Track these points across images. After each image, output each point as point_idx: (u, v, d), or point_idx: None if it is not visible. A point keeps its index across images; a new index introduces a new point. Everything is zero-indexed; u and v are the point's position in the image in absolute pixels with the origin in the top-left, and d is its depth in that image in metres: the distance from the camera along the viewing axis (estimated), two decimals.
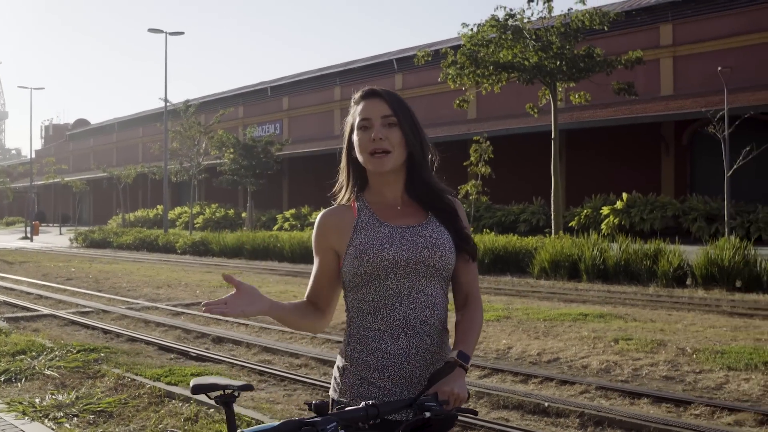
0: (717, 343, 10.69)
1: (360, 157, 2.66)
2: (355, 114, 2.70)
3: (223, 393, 3.11)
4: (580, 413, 7.25)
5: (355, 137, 2.67)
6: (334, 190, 2.79)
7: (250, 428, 2.09)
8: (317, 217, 2.77)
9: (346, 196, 2.74)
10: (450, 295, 2.72)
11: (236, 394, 3.13)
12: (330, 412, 2.30)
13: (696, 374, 8.97)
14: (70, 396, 8.07)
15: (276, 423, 2.10)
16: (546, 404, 7.52)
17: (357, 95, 2.73)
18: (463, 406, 2.40)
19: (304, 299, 2.73)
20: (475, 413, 2.49)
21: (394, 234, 2.61)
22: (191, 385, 3.16)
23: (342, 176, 2.78)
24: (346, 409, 2.21)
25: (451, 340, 2.63)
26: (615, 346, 10.61)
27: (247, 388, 3.18)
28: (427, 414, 2.27)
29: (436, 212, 2.69)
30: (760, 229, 30.37)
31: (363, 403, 2.22)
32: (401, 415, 2.45)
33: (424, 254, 2.58)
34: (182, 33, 45.96)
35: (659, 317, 13.61)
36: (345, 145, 2.75)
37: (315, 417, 2.12)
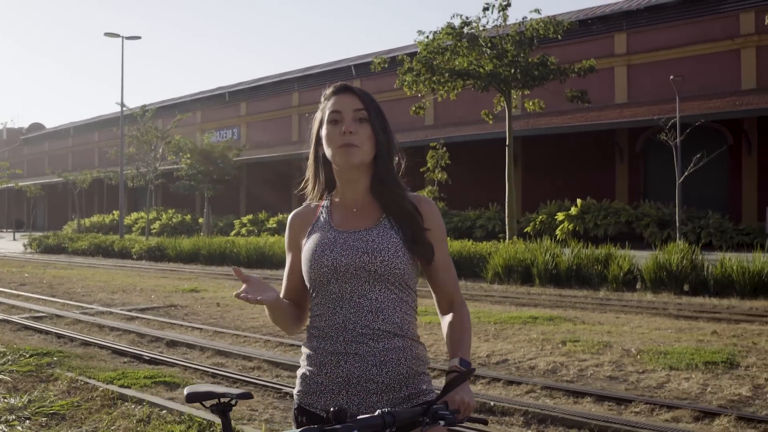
0: (661, 344, 10.99)
1: (328, 151, 2.67)
2: (325, 108, 2.70)
3: (218, 402, 2.97)
4: (525, 412, 7.46)
5: (324, 131, 2.68)
6: (300, 186, 2.83)
7: None
8: (289, 216, 2.82)
9: (314, 195, 2.78)
10: (420, 299, 2.76)
11: (233, 402, 2.97)
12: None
13: (639, 374, 9.23)
14: (23, 399, 8.09)
15: (296, 430, 2.17)
16: (492, 403, 7.72)
17: (328, 90, 2.74)
18: (472, 414, 2.46)
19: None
20: (486, 422, 2.58)
21: (337, 239, 2.62)
22: (185, 393, 2.98)
23: (309, 172, 2.80)
24: (364, 416, 2.20)
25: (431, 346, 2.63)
26: (562, 348, 10.86)
27: (246, 396, 2.99)
28: (442, 423, 2.29)
29: (393, 215, 2.67)
30: (711, 234, 31.01)
31: (378, 411, 2.23)
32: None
33: (363, 259, 2.58)
34: (139, 37, 45.70)
35: (607, 320, 13.92)
36: (313, 141, 2.77)
37: (334, 425, 2.13)
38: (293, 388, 2.65)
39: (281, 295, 2.75)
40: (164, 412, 7.48)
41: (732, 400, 8.00)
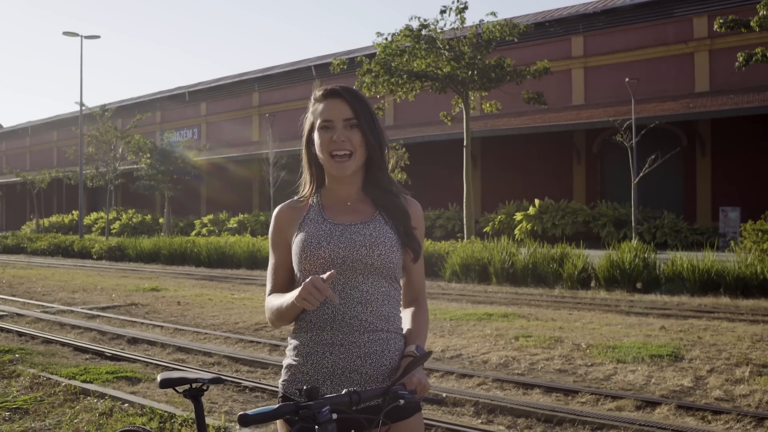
0: (610, 339, 11.36)
1: (320, 156, 2.72)
2: (316, 113, 2.73)
3: (191, 387, 3.08)
4: (475, 402, 7.75)
5: (316, 136, 2.72)
6: (298, 185, 2.87)
7: (252, 410, 2.26)
8: (274, 211, 2.84)
9: (309, 191, 2.82)
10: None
11: (205, 387, 3.08)
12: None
13: (587, 367, 9.57)
14: None
15: (275, 406, 2.29)
16: (444, 395, 8.00)
17: (319, 93, 2.76)
18: (428, 394, 2.65)
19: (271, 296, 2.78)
20: (441, 401, 2.83)
21: (334, 231, 2.68)
22: (159, 379, 3.09)
23: (305, 174, 2.84)
24: (333, 395, 2.37)
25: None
26: (515, 343, 11.19)
27: (218, 381, 3.10)
28: (401, 401, 2.45)
29: (385, 210, 2.76)
30: (666, 234, 31.64)
31: (345, 390, 2.38)
32: (374, 401, 2.57)
33: (361, 252, 2.64)
34: (98, 37, 45.49)
35: (560, 316, 14.30)
36: (304, 141, 2.80)
37: (308, 402, 2.28)
38: (252, 382, 2.86)
39: (268, 293, 2.80)
40: (126, 405, 7.67)
41: (674, 390, 8.37)
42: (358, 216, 2.74)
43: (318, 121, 2.71)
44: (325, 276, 2.41)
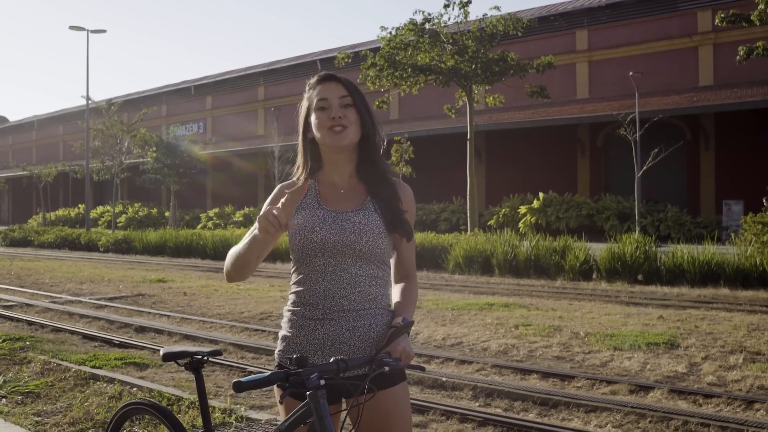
0: (609, 327, 11.58)
1: (317, 134, 2.88)
2: (312, 97, 2.91)
3: (191, 359, 3.29)
4: (474, 387, 7.98)
5: (313, 118, 2.88)
6: (293, 169, 3.03)
7: (245, 378, 2.43)
8: (276, 187, 3.01)
9: (302, 176, 2.97)
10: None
11: (205, 359, 3.29)
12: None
13: (585, 354, 9.79)
14: None
15: (267, 374, 2.44)
16: (443, 379, 8.23)
17: (313, 80, 2.94)
18: (412, 362, 2.77)
19: None
20: (423, 369, 3.01)
21: (327, 218, 2.86)
22: (161, 353, 3.30)
23: (299, 158, 3.00)
24: (321, 364, 2.55)
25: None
26: (515, 331, 11.41)
27: (216, 353, 3.32)
28: (386, 368, 2.61)
29: (376, 198, 2.93)
30: (669, 227, 31.75)
31: (333, 359, 2.55)
32: (361, 370, 2.75)
33: (350, 239, 2.83)
34: (104, 31, 45.77)
35: (561, 306, 14.52)
36: (301, 128, 2.96)
37: (297, 369, 2.45)
38: (257, 367, 3.04)
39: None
40: (134, 389, 7.90)
41: (668, 376, 8.59)
42: (350, 204, 2.92)
43: (314, 102, 2.89)
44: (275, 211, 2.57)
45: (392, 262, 3.05)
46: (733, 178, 34.67)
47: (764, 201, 21.85)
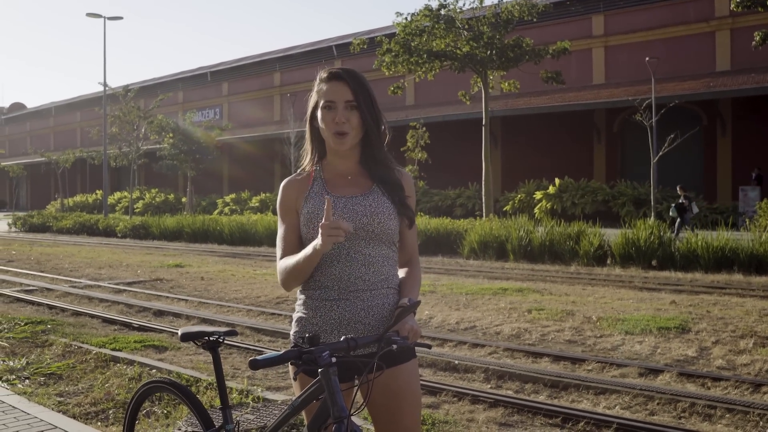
0: (621, 312, 11.68)
1: (323, 131, 3.00)
2: (320, 93, 3.00)
3: (208, 339, 3.40)
4: (486, 369, 8.13)
5: (320, 114, 2.99)
6: (300, 155, 3.18)
7: (261, 356, 2.53)
8: (281, 184, 3.12)
9: (308, 163, 3.12)
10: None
11: (221, 339, 3.41)
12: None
13: (596, 338, 9.91)
14: (21, 362, 8.66)
15: (281, 352, 2.55)
16: (456, 362, 8.38)
17: (324, 74, 3.03)
18: (419, 341, 2.88)
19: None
20: (429, 347, 3.10)
21: (337, 204, 2.96)
22: (180, 333, 3.42)
23: (306, 144, 3.14)
24: (332, 342, 2.68)
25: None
26: (528, 316, 11.54)
27: (232, 333, 3.44)
28: (394, 346, 2.71)
29: (382, 183, 3.05)
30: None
31: (343, 337, 2.67)
32: (371, 348, 2.86)
33: (363, 221, 2.95)
34: (121, 18, 45.88)
35: (574, 291, 14.62)
36: (308, 117, 3.09)
37: (310, 348, 2.58)
38: (273, 349, 3.19)
39: (281, 256, 3.05)
40: (154, 371, 8.08)
41: (678, 359, 8.70)
42: (358, 189, 3.05)
43: (322, 101, 3.00)
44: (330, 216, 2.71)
45: (398, 247, 3.16)
46: (750, 164, 34.56)
47: None
